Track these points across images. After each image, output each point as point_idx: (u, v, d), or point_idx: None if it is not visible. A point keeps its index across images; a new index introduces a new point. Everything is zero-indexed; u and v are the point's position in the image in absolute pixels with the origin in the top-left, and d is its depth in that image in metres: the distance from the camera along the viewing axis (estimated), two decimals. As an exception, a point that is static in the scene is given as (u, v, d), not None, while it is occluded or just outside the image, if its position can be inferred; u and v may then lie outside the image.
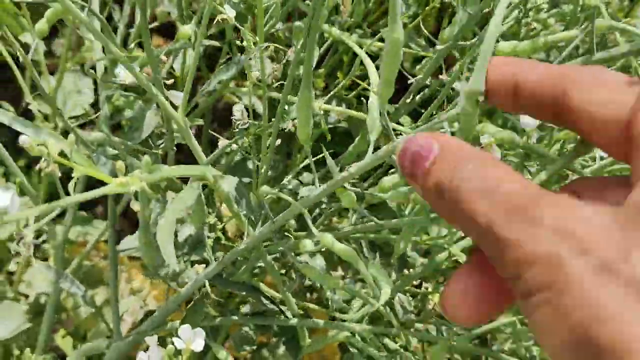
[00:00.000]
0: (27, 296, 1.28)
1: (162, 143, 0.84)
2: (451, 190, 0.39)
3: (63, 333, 1.24)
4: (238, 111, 0.80)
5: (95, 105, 1.32)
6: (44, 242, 1.26)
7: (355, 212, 0.79)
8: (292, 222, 0.99)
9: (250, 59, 0.67)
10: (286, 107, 0.76)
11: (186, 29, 0.70)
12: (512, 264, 0.35)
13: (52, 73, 1.21)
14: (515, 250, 0.35)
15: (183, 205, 0.56)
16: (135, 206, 0.54)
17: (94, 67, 1.02)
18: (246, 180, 0.88)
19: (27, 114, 1.31)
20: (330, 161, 0.57)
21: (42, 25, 0.67)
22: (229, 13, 0.66)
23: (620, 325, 0.31)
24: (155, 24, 1.07)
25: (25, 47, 1.30)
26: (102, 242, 1.16)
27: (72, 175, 0.46)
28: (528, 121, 0.62)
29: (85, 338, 1.24)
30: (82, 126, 1.43)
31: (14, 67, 1.11)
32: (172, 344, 0.63)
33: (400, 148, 0.44)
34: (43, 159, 0.43)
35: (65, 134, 1.25)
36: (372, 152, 0.53)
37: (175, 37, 0.71)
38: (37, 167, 0.45)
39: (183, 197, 0.58)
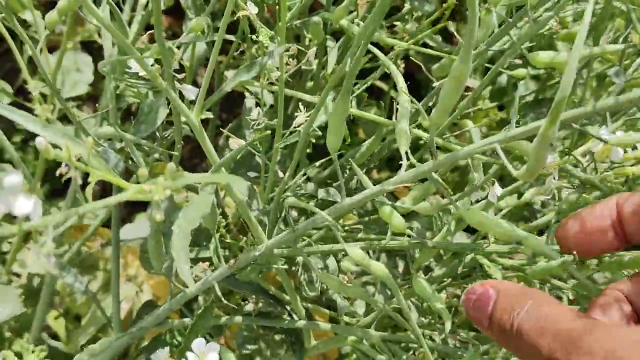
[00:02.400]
0: (19, 275, 1.26)
1: (168, 134, 0.82)
2: (514, 331, 0.46)
3: (56, 314, 1.22)
4: (250, 106, 0.78)
5: (94, 84, 1.29)
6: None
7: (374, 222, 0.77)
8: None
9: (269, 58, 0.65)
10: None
11: (199, 22, 0.67)
12: None
13: (51, 50, 1.18)
14: None
15: (199, 214, 0.54)
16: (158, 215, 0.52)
17: (94, 43, 0.99)
18: (252, 174, 0.85)
19: (23, 91, 1.29)
20: (363, 176, 0.56)
21: (53, 16, 0.64)
22: (252, 9, 0.64)
23: None
24: (162, 8, 1.04)
25: (25, 23, 1.27)
26: (101, 226, 1.14)
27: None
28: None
29: (78, 320, 1.22)
30: (80, 106, 1.40)
31: (12, 44, 1.09)
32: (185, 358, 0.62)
33: (463, 299, 0.52)
34: (63, 164, 0.41)
35: (64, 117, 1.23)
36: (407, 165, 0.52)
37: (187, 28, 0.69)
38: (57, 172, 0.43)
39: (198, 204, 0.55)
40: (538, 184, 0.70)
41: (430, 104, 0.77)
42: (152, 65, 0.76)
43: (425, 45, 0.86)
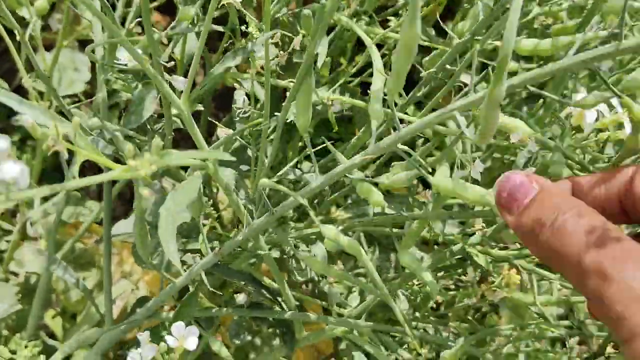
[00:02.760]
0: (16, 274, 1.26)
1: (160, 127, 0.82)
2: (554, 231, 0.44)
3: (53, 313, 1.22)
4: (239, 98, 0.78)
5: (91, 83, 1.29)
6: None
7: (356, 204, 0.77)
8: (291, 211, 0.98)
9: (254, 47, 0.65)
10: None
11: (188, 10, 0.67)
12: (619, 304, 0.39)
13: (48, 48, 1.18)
14: (625, 291, 0.39)
15: (186, 198, 0.54)
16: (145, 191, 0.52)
17: (91, 42, 0.99)
18: (245, 167, 0.86)
19: (20, 90, 1.30)
20: (334, 150, 0.56)
21: (42, 3, 0.64)
22: (236, -2, 0.65)
23: None
24: (155, 4, 1.05)
25: (22, 21, 1.27)
26: (95, 223, 1.14)
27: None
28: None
29: (74, 318, 1.22)
30: (76, 103, 1.40)
31: (9, 42, 1.09)
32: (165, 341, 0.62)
33: (500, 181, 0.49)
34: (50, 138, 0.41)
35: (60, 113, 1.23)
36: (375, 142, 0.52)
37: (176, 18, 0.69)
38: (43, 146, 0.43)
39: (186, 188, 0.55)
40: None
41: (419, 94, 0.78)
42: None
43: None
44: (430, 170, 0.57)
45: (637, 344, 0.37)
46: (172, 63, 0.75)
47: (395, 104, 0.70)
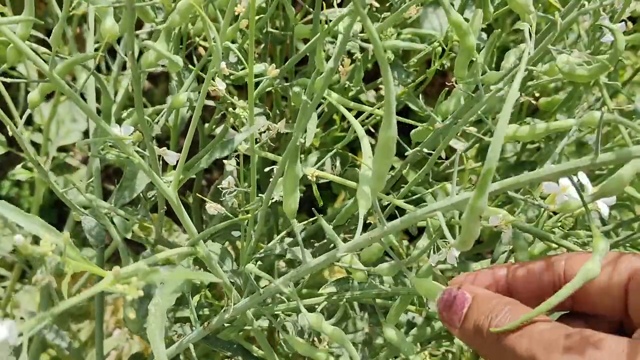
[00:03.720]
0: (13, 317, 1.27)
1: (152, 196, 0.83)
2: (489, 332, 0.48)
3: (47, 358, 1.23)
4: (230, 171, 0.79)
5: (88, 132, 1.31)
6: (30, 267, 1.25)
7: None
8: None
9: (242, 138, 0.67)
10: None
11: (181, 98, 0.69)
12: None
13: (47, 98, 1.20)
14: None
15: (175, 291, 0.56)
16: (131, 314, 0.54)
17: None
18: (236, 233, 0.87)
19: (15, 140, 1.31)
20: (337, 240, 0.57)
21: (35, 96, 0.66)
22: (219, 86, 0.66)
23: None
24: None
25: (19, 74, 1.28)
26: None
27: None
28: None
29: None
30: (72, 151, 1.42)
31: (4, 92, 1.10)
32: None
33: (438, 298, 0.53)
34: (39, 271, 0.43)
35: (57, 166, 1.24)
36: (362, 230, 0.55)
37: (170, 104, 0.71)
38: (33, 280, 0.45)
39: (174, 282, 0.57)
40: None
41: (404, 172, 0.79)
42: (134, 132, 0.78)
43: (408, 108, 0.88)
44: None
45: None
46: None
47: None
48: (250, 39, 0.58)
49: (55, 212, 1.41)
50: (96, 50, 0.83)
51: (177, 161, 0.64)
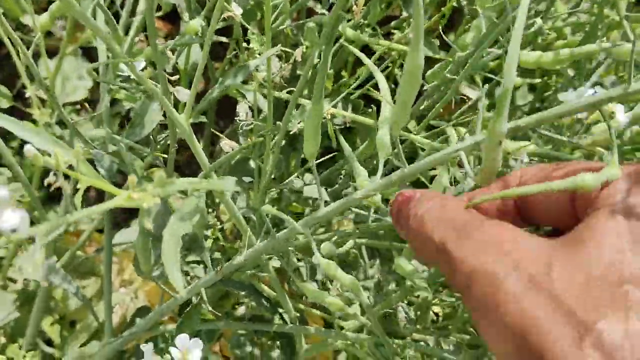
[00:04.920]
0: (15, 281, 1.26)
1: (163, 138, 0.82)
2: (415, 219, 0.47)
3: (51, 320, 1.22)
4: (242, 110, 0.78)
5: (94, 89, 1.29)
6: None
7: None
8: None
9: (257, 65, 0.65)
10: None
11: (194, 24, 0.67)
12: (461, 277, 0.42)
13: (51, 55, 1.18)
14: (463, 266, 0.41)
15: (190, 218, 0.54)
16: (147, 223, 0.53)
17: (95, 48, 0.99)
18: (247, 179, 0.85)
19: (22, 96, 1.29)
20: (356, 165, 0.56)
21: (45, 19, 0.64)
22: (236, 10, 0.65)
23: (544, 337, 0.36)
24: (159, 13, 1.05)
25: (25, 27, 1.27)
26: (96, 231, 1.14)
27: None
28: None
29: (73, 326, 1.22)
30: (79, 110, 1.40)
31: (11, 48, 1.09)
32: (169, 352, 0.62)
33: (392, 201, 0.52)
34: (52, 172, 0.42)
35: (62, 121, 1.23)
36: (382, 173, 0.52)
37: (181, 28, 0.69)
38: (45, 182, 0.44)
39: (189, 210, 0.56)
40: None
41: (422, 107, 0.78)
42: (145, 69, 0.76)
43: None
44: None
45: (481, 315, 0.40)
46: (177, 76, 0.75)
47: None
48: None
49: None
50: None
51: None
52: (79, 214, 0.37)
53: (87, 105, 1.24)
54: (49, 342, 1.20)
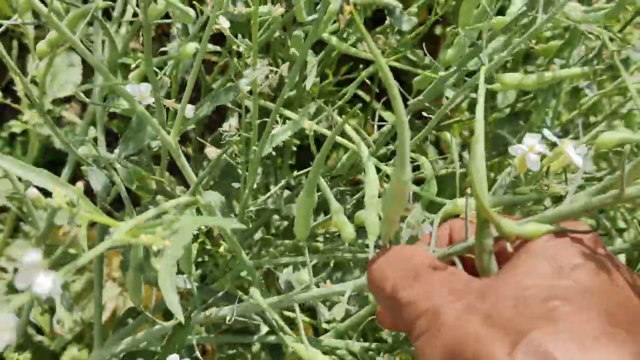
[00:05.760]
0: (5, 270, 1.27)
1: (156, 146, 0.83)
2: (373, 272, 0.49)
3: (40, 310, 1.24)
4: (228, 124, 0.79)
5: (83, 83, 1.29)
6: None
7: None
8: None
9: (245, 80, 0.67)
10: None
11: (190, 47, 0.69)
12: (408, 318, 0.45)
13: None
14: (411, 306, 0.45)
15: (182, 245, 0.56)
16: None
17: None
18: (236, 185, 0.87)
19: (10, 88, 1.30)
20: (331, 200, 0.57)
21: (43, 46, 0.66)
22: (224, 24, 0.66)
23: (480, 344, 0.40)
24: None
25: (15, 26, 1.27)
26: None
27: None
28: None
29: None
30: (67, 102, 1.41)
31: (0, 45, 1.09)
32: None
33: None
34: (65, 225, 0.43)
35: (52, 119, 1.24)
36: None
37: (178, 55, 0.71)
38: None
39: (182, 236, 0.57)
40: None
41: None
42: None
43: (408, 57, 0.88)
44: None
45: (421, 344, 0.44)
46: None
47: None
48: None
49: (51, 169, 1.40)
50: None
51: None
52: (88, 255, 0.39)
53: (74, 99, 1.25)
54: (39, 331, 1.21)
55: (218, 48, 0.86)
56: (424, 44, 0.81)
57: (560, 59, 0.86)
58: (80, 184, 0.43)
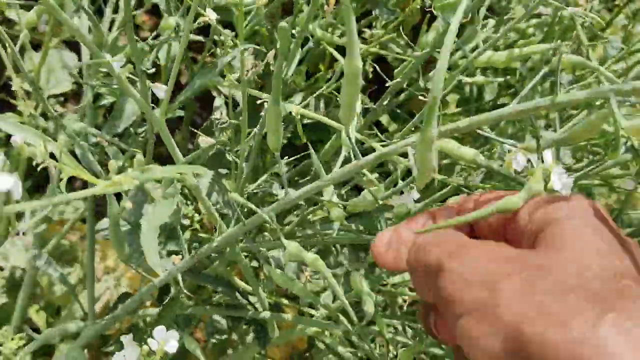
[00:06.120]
0: (2, 269, 1.29)
1: (143, 131, 0.85)
2: (415, 248, 0.49)
3: (37, 307, 1.25)
4: (218, 107, 0.81)
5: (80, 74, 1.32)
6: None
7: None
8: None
9: (230, 61, 0.68)
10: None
11: (170, 21, 0.71)
12: (454, 287, 0.44)
13: (36, 47, 1.21)
14: (457, 276, 0.44)
15: (166, 212, 0.58)
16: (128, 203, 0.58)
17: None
18: (223, 171, 0.89)
19: (8, 87, 1.32)
20: (321, 171, 0.59)
21: (31, 16, 0.68)
22: (211, 15, 0.68)
23: (551, 318, 0.38)
24: (142, 10, 1.08)
25: (10, 22, 1.30)
26: (80, 221, 1.17)
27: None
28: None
29: (58, 313, 1.25)
30: (64, 102, 1.43)
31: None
32: (147, 344, 0.65)
33: (373, 244, 0.54)
34: (38, 155, 0.45)
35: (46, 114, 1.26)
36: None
37: (159, 27, 0.73)
38: (34, 163, 0.47)
39: (165, 203, 0.59)
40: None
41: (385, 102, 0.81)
42: (125, 65, 0.80)
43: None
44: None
45: (470, 319, 0.42)
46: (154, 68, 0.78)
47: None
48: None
49: (44, 170, 1.42)
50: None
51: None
52: (64, 197, 0.41)
53: (71, 97, 1.27)
54: (35, 329, 1.23)
55: (200, 38, 0.88)
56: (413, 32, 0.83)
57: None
58: (62, 138, 0.45)
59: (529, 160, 0.52)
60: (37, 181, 1.42)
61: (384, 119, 1.06)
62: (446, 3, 0.65)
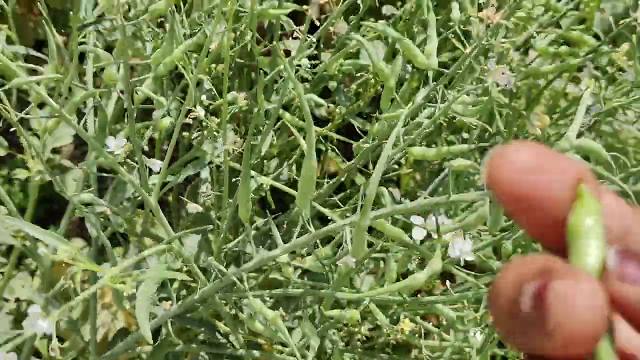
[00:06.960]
0: (8, 300, 1.43)
1: (140, 196, 1.00)
2: None
3: (41, 336, 1.39)
4: (205, 177, 0.97)
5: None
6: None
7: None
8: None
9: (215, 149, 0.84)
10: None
11: (165, 122, 0.86)
12: None
13: (41, 105, 1.35)
14: None
15: (156, 282, 0.73)
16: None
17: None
18: (210, 227, 1.04)
19: (18, 144, 1.46)
20: (276, 233, 0.73)
21: (52, 124, 0.82)
22: (200, 112, 0.83)
23: None
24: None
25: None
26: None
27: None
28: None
29: (62, 342, 1.39)
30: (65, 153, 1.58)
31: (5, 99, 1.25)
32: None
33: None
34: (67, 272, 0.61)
35: (53, 166, 1.40)
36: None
37: (155, 127, 0.88)
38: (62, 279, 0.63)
39: (156, 275, 0.74)
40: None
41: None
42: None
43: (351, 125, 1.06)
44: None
45: None
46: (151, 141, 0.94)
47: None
48: (224, 80, 0.76)
49: (44, 207, 1.56)
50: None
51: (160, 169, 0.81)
52: (79, 298, 0.56)
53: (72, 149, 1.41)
54: (38, 355, 1.37)
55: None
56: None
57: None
58: (77, 243, 0.61)
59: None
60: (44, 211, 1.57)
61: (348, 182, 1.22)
62: (391, 115, 0.81)
